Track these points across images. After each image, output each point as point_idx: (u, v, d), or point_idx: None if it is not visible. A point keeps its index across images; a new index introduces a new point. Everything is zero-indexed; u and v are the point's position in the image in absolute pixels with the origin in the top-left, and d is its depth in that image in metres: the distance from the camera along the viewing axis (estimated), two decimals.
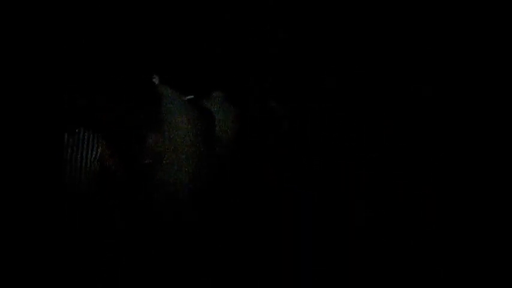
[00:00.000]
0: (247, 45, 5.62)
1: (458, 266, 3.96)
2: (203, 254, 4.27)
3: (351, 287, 4.06)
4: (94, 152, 4.14)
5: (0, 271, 3.83)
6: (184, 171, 4.10)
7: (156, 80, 4.34)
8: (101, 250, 4.07)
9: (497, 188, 4.06)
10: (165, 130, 4.09)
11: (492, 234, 4.01)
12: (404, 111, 4.82)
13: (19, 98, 4.22)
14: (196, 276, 4.18)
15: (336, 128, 4.70)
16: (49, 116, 4.21)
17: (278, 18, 5.69)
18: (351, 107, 4.85)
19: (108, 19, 5.41)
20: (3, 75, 4.17)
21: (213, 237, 4.33)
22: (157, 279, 4.14)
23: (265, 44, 5.62)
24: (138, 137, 4.40)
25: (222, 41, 5.64)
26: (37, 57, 4.34)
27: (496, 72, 4.34)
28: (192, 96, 4.51)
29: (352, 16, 5.55)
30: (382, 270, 4.04)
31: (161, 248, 4.16)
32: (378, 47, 5.42)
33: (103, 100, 4.65)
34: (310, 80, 5.29)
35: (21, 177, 4.01)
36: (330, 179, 4.46)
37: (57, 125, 4.19)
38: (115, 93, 4.68)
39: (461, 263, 3.97)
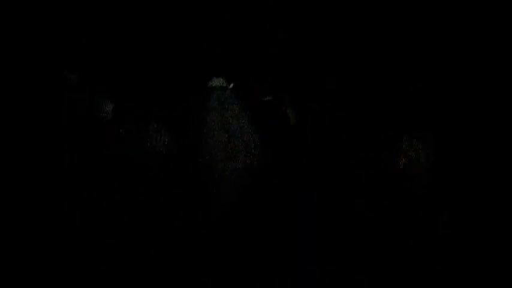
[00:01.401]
0: (247, 45, 5.62)
1: (458, 266, 3.96)
2: (204, 254, 4.27)
3: (351, 287, 4.06)
4: (161, 142, 4.30)
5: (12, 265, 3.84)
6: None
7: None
8: (103, 249, 4.08)
9: (497, 188, 4.06)
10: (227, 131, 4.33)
11: (492, 234, 4.01)
12: (404, 111, 4.82)
13: (19, 97, 4.22)
14: (196, 276, 4.18)
15: (336, 128, 4.69)
16: (49, 116, 4.21)
17: (278, 18, 5.69)
18: (351, 107, 4.85)
19: (106, 19, 5.41)
20: (4, 75, 4.16)
21: (215, 237, 4.34)
22: (158, 279, 4.14)
23: (265, 44, 5.62)
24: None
25: (222, 41, 5.63)
26: (37, 57, 4.34)
27: (497, 72, 4.34)
28: (232, 85, 4.71)
29: (352, 16, 5.55)
30: (382, 270, 4.04)
31: (165, 246, 4.19)
32: (378, 47, 5.41)
33: (103, 100, 4.65)
34: (310, 80, 5.29)
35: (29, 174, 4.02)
36: (330, 179, 4.45)
37: (58, 125, 4.19)
38: (115, 93, 4.69)
39: (461, 263, 3.97)
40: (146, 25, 5.53)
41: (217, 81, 4.57)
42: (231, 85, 4.64)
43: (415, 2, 5.34)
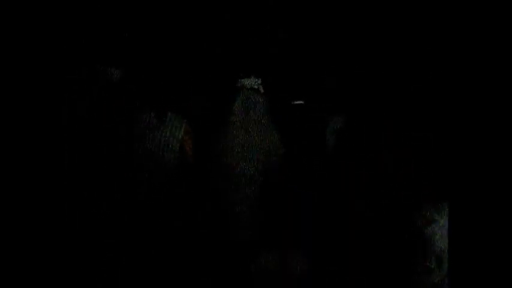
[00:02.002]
0: (247, 45, 5.62)
1: (458, 266, 3.95)
2: (203, 254, 4.27)
3: (351, 287, 4.06)
4: (177, 133, 4.32)
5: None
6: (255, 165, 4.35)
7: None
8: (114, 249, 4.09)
9: (499, 189, 4.05)
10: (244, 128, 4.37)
11: (492, 235, 4.00)
12: (404, 111, 4.82)
13: (19, 97, 4.22)
14: (195, 276, 4.18)
15: (336, 128, 4.70)
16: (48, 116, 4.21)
17: (278, 18, 5.69)
18: (351, 107, 4.85)
19: (106, 19, 5.41)
20: (4, 75, 4.17)
21: (215, 237, 4.34)
22: (158, 279, 4.14)
23: (265, 44, 5.62)
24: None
25: (221, 41, 5.64)
26: (38, 57, 4.34)
27: (498, 72, 4.34)
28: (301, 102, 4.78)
29: (352, 16, 5.55)
30: (382, 270, 4.04)
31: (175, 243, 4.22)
32: (378, 47, 5.41)
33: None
34: (310, 80, 5.29)
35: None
36: (330, 179, 4.45)
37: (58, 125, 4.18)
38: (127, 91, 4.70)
39: (461, 263, 3.97)
40: (146, 24, 5.53)
41: (248, 82, 4.58)
42: (261, 88, 4.64)
43: (415, 2, 5.34)
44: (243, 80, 4.57)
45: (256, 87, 4.55)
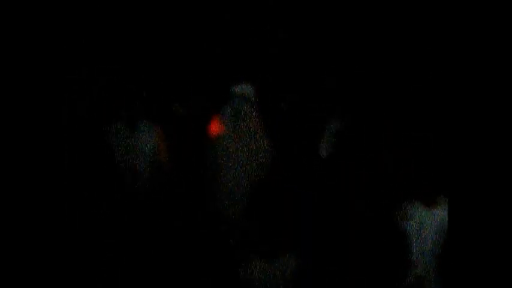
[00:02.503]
0: (247, 45, 5.62)
1: (458, 266, 3.95)
2: (202, 254, 4.28)
3: (351, 287, 4.06)
4: (150, 141, 4.30)
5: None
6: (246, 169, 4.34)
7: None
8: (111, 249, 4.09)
9: (499, 187, 4.05)
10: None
11: (491, 234, 4.00)
12: (405, 111, 4.82)
13: (19, 97, 4.22)
14: (195, 275, 4.19)
15: (336, 128, 4.70)
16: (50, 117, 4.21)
17: (278, 18, 5.69)
18: (350, 107, 4.85)
19: (105, 18, 5.41)
20: (4, 75, 4.17)
21: (215, 237, 4.34)
22: (158, 279, 4.14)
23: (265, 44, 5.63)
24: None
25: (222, 41, 5.64)
26: (37, 57, 4.34)
27: (498, 72, 4.34)
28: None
29: (352, 16, 5.56)
30: (382, 270, 4.04)
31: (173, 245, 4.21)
32: (378, 47, 5.42)
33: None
34: (310, 80, 5.29)
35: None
36: (330, 179, 4.45)
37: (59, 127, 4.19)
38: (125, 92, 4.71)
39: (460, 263, 3.97)
40: (146, 24, 5.54)
41: (239, 89, 4.50)
42: (253, 95, 4.56)
43: (415, 3, 5.34)
44: (234, 87, 4.49)
45: (247, 95, 4.47)
